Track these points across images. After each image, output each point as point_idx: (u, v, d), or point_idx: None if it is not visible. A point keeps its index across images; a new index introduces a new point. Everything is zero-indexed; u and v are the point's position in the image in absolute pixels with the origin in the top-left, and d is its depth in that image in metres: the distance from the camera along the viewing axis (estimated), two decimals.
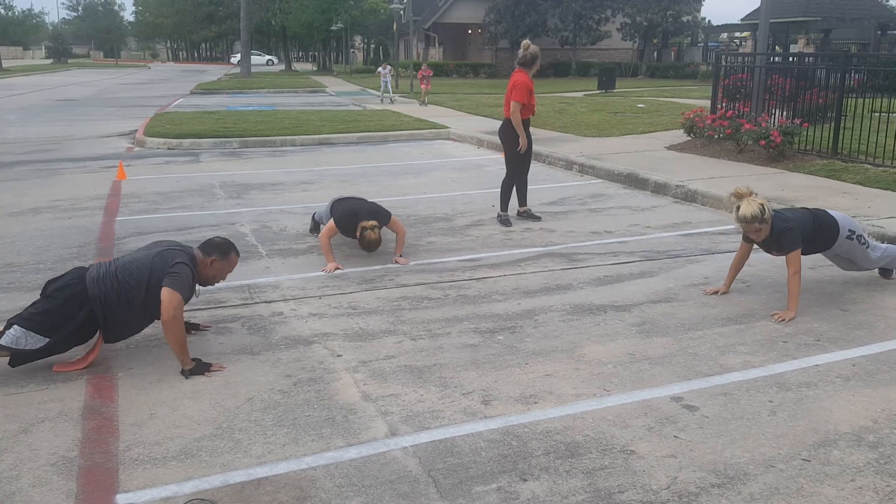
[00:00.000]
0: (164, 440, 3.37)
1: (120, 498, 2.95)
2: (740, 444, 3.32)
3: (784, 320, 4.80)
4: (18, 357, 4.01)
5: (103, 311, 4.06)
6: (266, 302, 5.26)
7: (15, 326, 3.96)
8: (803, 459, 3.19)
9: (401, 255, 6.25)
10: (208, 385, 3.92)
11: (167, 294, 4.00)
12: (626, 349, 4.39)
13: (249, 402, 3.74)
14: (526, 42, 7.54)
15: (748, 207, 4.85)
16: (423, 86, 23.49)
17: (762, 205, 4.86)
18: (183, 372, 4.04)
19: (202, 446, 3.32)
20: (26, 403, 3.73)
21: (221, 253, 4.33)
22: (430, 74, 24.77)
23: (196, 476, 3.09)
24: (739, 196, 4.93)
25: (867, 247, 5.26)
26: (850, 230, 5.15)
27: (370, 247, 6.08)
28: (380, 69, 27.10)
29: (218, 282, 4.49)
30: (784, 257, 4.94)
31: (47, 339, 3.98)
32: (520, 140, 7.45)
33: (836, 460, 3.18)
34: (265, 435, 3.42)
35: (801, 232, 4.94)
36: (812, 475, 3.07)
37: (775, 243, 5.01)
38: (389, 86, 25.85)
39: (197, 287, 4.32)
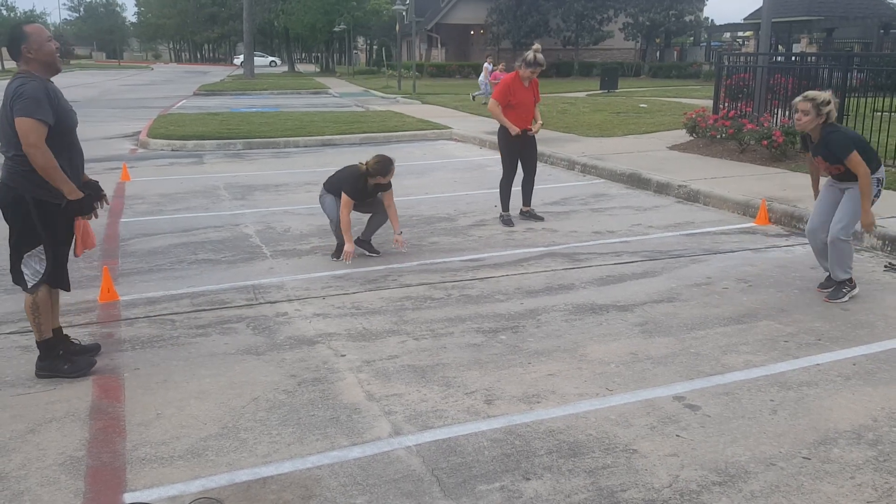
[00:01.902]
0: (171, 440, 3.41)
1: (127, 497, 2.98)
2: (741, 442, 3.34)
3: (868, 225, 5.09)
4: (56, 279, 4.03)
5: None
6: (270, 302, 5.30)
7: (23, 268, 3.96)
8: (804, 457, 3.21)
9: (400, 233, 6.35)
10: (214, 385, 3.96)
11: (17, 124, 3.70)
12: (628, 349, 4.42)
13: (255, 401, 3.77)
14: (536, 46, 7.56)
15: (814, 91, 5.07)
16: None
17: (827, 100, 4.97)
18: (69, 203, 3.91)
19: (208, 446, 3.35)
20: (34, 404, 3.76)
21: (23, 34, 3.85)
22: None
23: (202, 475, 3.12)
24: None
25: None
26: (878, 179, 5.20)
27: (387, 165, 6.04)
28: (490, 66, 22.21)
29: (56, 55, 3.95)
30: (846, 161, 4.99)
31: (41, 246, 3.94)
32: (510, 130, 7.46)
33: (836, 458, 3.21)
34: (270, 434, 3.45)
35: (850, 137, 5.02)
36: (812, 473, 3.10)
37: (824, 147, 5.05)
38: (489, 86, 21.42)
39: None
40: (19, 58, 3.89)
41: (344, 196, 6.09)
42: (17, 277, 4.02)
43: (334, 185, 6.29)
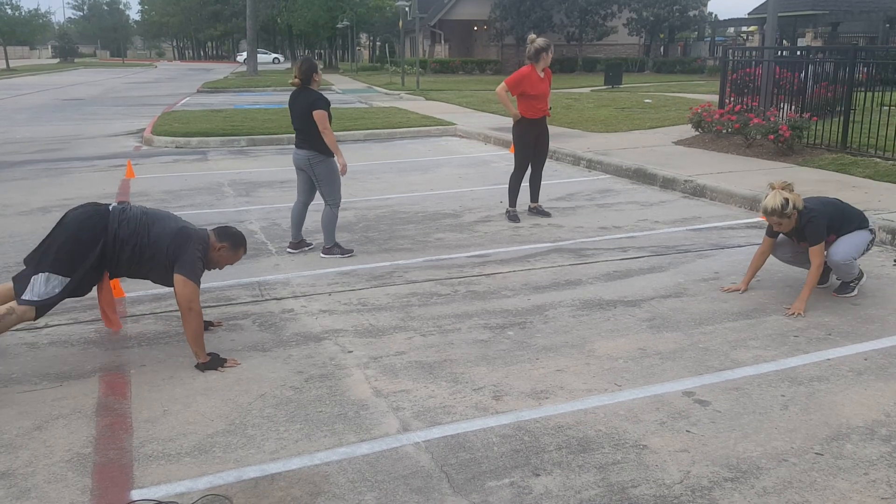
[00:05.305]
0: (178, 436, 3.39)
1: (134, 493, 2.97)
2: (752, 438, 3.32)
3: (794, 314, 4.77)
4: (43, 309, 4.02)
5: (115, 252, 4.09)
6: (276, 299, 5.28)
7: (35, 276, 3.96)
8: (816, 453, 3.19)
9: None
10: (220, 382, 3.94)
11: (183, 284, 4.02)
12: (636, 344, 4.39)
13: (262, 398, 3.75)
14: (531, 36, 7.47)
15: (771, 200, 4.85)
16: None
17: (787, 199, 4.80)
18: (198, 366, 4.07)
19: (215, 442, 3.34)
20: (40, 401, 3.75)
21: (233, 243, 4.37)
22: None
23: (210, 472, 3.11)
24: (772, 187, 4.95)
25: (861, 254, 5.10)
26: (871, 230, 5.12)
27: (308, 61, 6.14)
28: None
29: (217, 268, 4.46)
30: (810, 250, 4.91)
31: (67, 279, 3.99)
32: (510, 112, 7.56)
33: (848, 454, 3.18)
34: (278, 431, 3.43)
35: (825, 223, 4.90)
36: (825, 469, 3.07)
37: (799, 234, 4.98)
38: None
39: None
40: (222, 243, 4.33)
41: (323, 113, 6.03)
42: (22, 286, 4.01)
43: (311, 135, 6.15)
